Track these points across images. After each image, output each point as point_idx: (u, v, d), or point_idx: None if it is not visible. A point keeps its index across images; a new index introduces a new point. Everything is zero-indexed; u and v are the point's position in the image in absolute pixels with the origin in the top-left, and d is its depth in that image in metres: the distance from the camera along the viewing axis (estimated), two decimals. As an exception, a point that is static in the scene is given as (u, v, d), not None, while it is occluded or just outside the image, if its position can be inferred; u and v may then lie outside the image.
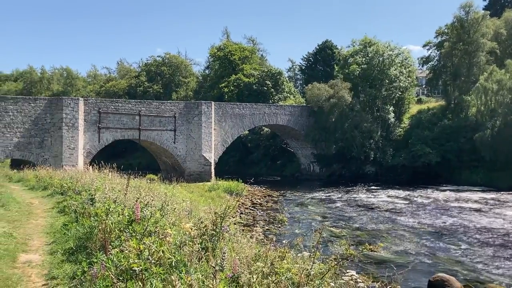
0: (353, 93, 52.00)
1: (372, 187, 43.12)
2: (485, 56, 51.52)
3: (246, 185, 36.87)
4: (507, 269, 16.28)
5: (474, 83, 49.95)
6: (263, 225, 23.89)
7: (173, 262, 5.43)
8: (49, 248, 9.33)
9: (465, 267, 16.51)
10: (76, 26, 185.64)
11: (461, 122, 48.72)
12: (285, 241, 7.26)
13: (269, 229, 22.30)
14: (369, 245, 17.99)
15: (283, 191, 40.49)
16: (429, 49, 62.38)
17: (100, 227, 7.59)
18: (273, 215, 27.34)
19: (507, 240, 21.02)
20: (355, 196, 37.27)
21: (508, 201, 33.40)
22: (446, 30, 57.12)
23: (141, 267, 4.90)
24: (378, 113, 53.86)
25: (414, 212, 29.15)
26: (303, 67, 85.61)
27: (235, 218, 21.99)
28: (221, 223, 6.93)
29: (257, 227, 22.54)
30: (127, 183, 10.95)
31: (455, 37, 52.92)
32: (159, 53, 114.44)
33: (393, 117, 54.20)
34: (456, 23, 52.93)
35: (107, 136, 39.95)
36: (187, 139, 43.82)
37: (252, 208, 30.62)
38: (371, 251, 17.51)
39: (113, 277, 5.03)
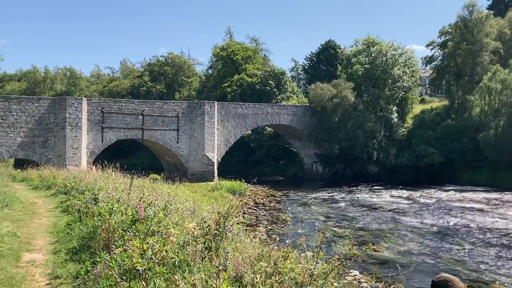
0: (356, 93, 51.93)
1: (375, 187, 43.04)
2: (488, 55, 51.35)
3: (249, 185, 36.85)
4: (510, 269, 16.22)
5: (477, 83, 49.79)
6: (266, 225, 23.89)
7: (176, 262, 5.43)
8: (53, 247, 9.36)
9: (468, 267, 16.46)
10: (79, 26, 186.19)
11: (464, 122, 48.57)
12: (288, 241, 7.27)
13: (272, 229, 22.30)
14: (372, 245, 17.99)
15: (286, 191, 40.46)
16: (432, 49, 62.34)
17: (103, 227, 7.61)
18: (276, 215, 27.34)
19: (510, 240, 20.94)
20: (358, 196, 37.22)
21: (512, 201, 33.31)
22: (449, 30, 57.00)
23: (144, 266, 4.91)
24: (381, 113, 53.76)
25: (417, 212, 29.08)
26: (306, 67, 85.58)
27: (238, 218, 22.03)
28: (224, 223, 6.94)
29: (260, 227, 22.53)
30: (130, 182, 10.96)
31: (458, 36, 52.77)
32: (162, 53, 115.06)
33: (396, 117, 54.09)
34: (460, 23, 52.77)
35: (110, 136, 40.02)
36: (190, 139, 43.86)
37: (255, 208, 30.62)
38: (374, 251, 17.49)
39: (117, 276, 5.03)
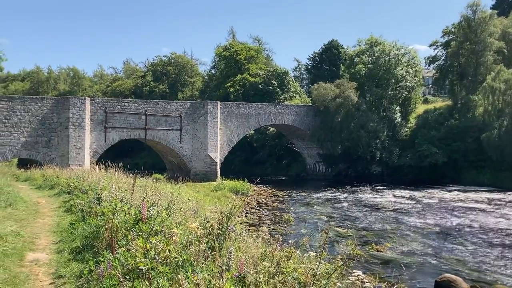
0: (359, 92, 51.88)
1: (378, 187, 42.98)
2: (492, 55, 51.18)
3: (251, 184, 36.77)
4: (514, 270, 16.16)
5: (481, 82, 49.65)
6: (269, 224, 23.86)
7: (180, 262, 5.43)
8: (56, 247, 9.38)
9: (471, 267, 16.41)
10: (82, 26, 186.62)
11: (468, 122, 48.45)
12: (291, 241, 7.25)
13: (275, 228, 22.27)
14: (375, 245, 17.94)
15: (288, 191, 40.44)
16: (435, 49, 62.10)
17: (106, 226, 7.62)
18: (279, 215, 27.31)
19: (514, 240, 20.87)
20: (361, 196, 37.16)
21: (516, 201, 33.18)
22: (453, 30, 56.83)
23: (147, 266, 4.91)
24: (384, 113, 53.68)
25: (420, 212, 29.02)
26: (309, 67, 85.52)
27: (241, 217, 22.00)
28: (227, 223, 6.93)
29: (263, 226, 22.49)
30: (134, 182, 10.96)
31: (462, 36, 52.63)
32: (165, 53, 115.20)
33: (399, 117, 54.01)
34: (463, 23, 52.64)
35: (113, 136, 40.10)
36: (193, 139, 43.90)
37: (258, 208, 30.62)
38: (378, 251, 17.45)
39: (120, 276, 5.03)
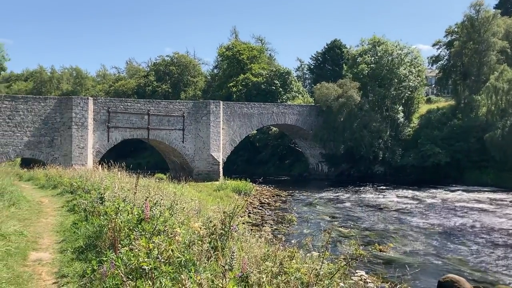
0: (362, 92, 51.81)
1: (381, 187, 42.92)
2: (495, 55, 51.02)
3: (254, 184, 36.85)
4: (518, 270, 16.11)
5: (484, 82, 49.51)
6: (272, 224, 23.87)
7: (183, 261, 5.43)
8: (59, 246, 9.39)
9: (475, 267, 16.38)
10: (85, 26, 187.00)
11: (471, 122, 48.31)
12: (294, 241, 7.26)
13: (277, 228, 22.27)
14: (378, 245, 17.91)
15: (291, 191, 40.43)
16: (438, 48, 61.94)
17: (109, 226, 7.63)
18: (281, 215, 27.31)
19: (517, 241, 20.81)
20: (364, 196, 37.13)
21: (519, 201, 33.08)
22: (456, 29, 56.67)
23: (150, 265, 4.91)
24: (387, 113, 53.60)
25: (423, 212, 28.98)
26: (312, 67, 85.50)
27: (243, 217, 21.99)
28: (230, 223, 6.94)
29: (265, 226, 22.52)
30: (136, 182, 10.97)
31: (465, 36, 52.48)
32: (167, 53, 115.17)
33: (402, 117, 53.91)
34: (467, 22, 52.49)
35: (116, 136, 40.16)
36: (196, 139, 43.93)
37: (261, 208, 30.62)
38: (381, 251, 17.43)
39: (123, 275, 5.04)
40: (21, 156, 38.67)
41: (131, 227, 7.19)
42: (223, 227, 6.85)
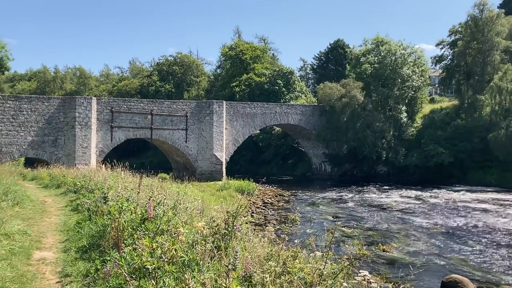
0: (365, 92, 51.73)
1: (384, 187, 42.84)
2: (499, 55, 50.86)
3: (257, 184, 36.83)
4: (521, 270, 16.05)
5: (488, 82, 49.37)
6: (275, 224, 23.85)
7: (186, 261, 5.44)
8: (63, 245, 9.42)
9: (478, 268, 16.32)
10: (89, 26, 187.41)
11: (474, 122, 48.16)
12: (297, 241, 7.24)
13: (280, 228, 22.24)
14: (381, 245, 17.89)
15: (294, 191, 40.41)
16: (442, 48, 61.76)
17: (113, 225, 7.64)
18: (284, 215, 27.29)
19: (521, 241, 20.73)
20: (367, 196, 37.07)
21: (523, 202, 32.95)
22: (459, 29, 56.53)
23: (154, 265, 4.91)
24: (390, 113, 53.49)
25: (426, 212, 28.90)
26: (315, 66, 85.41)
27: (246, 217, 21.97)
28: (233, 222, 6.93)
29: (268, 226, 22.48)
30: (140, 181, 10.97)
31: (469, 35, 52.32)
32: (171, 53, 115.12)
33: (405, 117, 53.78)
34: (470, 22, 52.33)
35: (119, 135, 40.24)
36: (199, 138, 43.96)
37: (264, 208, 30.60)
38: (384, 251, 17.41)
39: (126, 275, 5.04)
40: (24, 156, 38.82)
41: (134, 227, 7.20)
42: (226, 226, 6.85)
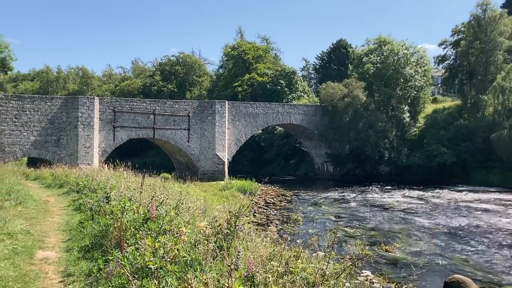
0: (368, 92, 51.66)
1: (387, 187, 42.78)
2: (502, 54, 50.73)
3: (259, 184, 36.81)
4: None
5: (491, 82, 49.23)
6: (277, 224, 23.85)
7: (188, 261, 5.44)
8: (65, 245, 9.44)
9: (481, 268, 16.28)
10: (91, 26, 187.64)
11: (477, 122, 48.03)
12: (299, 241, 7.23)
13: (283, 228, 22.24)
14: (384, 245, 17.87)
15: (296, 191, 40.39)
16: (445, 48, 61.57)
17: (115, 225, 7.65)
18: (287, 215, 27.28)
19: (524, 241, 20.67)
20: (370, 196, 37.02)
21: (526, 202, 32.85)
22: (462, 29, 56.37)
23: (156, 265, 4.92)
24: (393, 113, 53.41)
25: (429, 212, 28.85)
26: (317, 66, 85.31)
27: (249, 217, 21.99)
28: (235, 222, 6.93)
29: (271, 226, 22.51)
30: (142, 181, 10.99)
31: (471, 35, 52.17)
32: (173, 53, 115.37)
33: (408, 117, 53.68)
34: (473, 22, 52.19)
35: (122, 135, 40.29)
36: (201, 138, 43.99)
37: (266, 208, 30.60)
38: (386, 251, 17.38)
39: (129, 274, 5.05)
40: (27, 156, 38.88)
41: (137, 227, 7.22)
42: (228, 226, 6.85)
